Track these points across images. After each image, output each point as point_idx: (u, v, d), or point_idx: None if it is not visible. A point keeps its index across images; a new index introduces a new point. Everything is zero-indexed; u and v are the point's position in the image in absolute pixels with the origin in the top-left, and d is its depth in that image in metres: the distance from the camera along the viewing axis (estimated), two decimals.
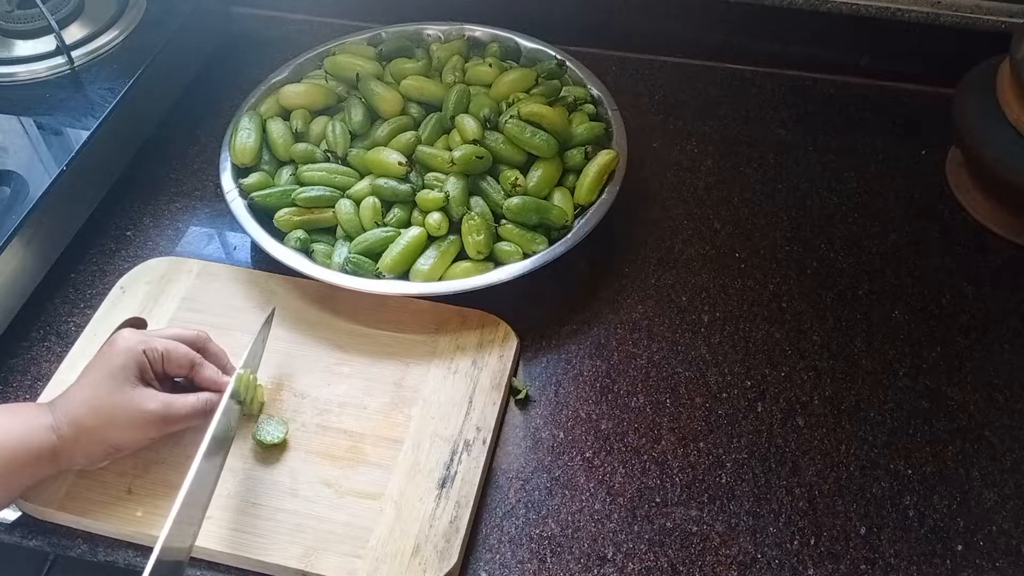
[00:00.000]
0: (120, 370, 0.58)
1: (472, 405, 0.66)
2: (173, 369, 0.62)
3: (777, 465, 0.65)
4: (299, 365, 0.69)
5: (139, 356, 0.59)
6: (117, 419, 0.58)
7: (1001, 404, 0.68)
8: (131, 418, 0.58)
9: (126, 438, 0.59)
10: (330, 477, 0.62)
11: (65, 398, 0.59)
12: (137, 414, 0.58)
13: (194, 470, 0.55)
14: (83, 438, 0.57)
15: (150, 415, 0.59)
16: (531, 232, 0.74)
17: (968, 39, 0.89)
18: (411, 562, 0.58)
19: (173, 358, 0.61)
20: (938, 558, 0.60)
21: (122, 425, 0.58)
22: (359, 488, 0.61)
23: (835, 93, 0.94)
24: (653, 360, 0.71)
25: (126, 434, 0.59)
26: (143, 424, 0.59)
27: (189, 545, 0.55)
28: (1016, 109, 0.74)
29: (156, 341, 0.61)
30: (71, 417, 0.57)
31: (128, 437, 0.59)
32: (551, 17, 0.97)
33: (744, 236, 0.80)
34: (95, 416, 0.57)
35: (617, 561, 0.60)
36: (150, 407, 0.59)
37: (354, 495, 0.61)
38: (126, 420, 0.58)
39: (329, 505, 0.61)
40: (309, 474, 0.62)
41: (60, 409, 0.58)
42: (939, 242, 0.80)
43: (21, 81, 0.83)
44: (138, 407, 0.58)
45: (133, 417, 0.58)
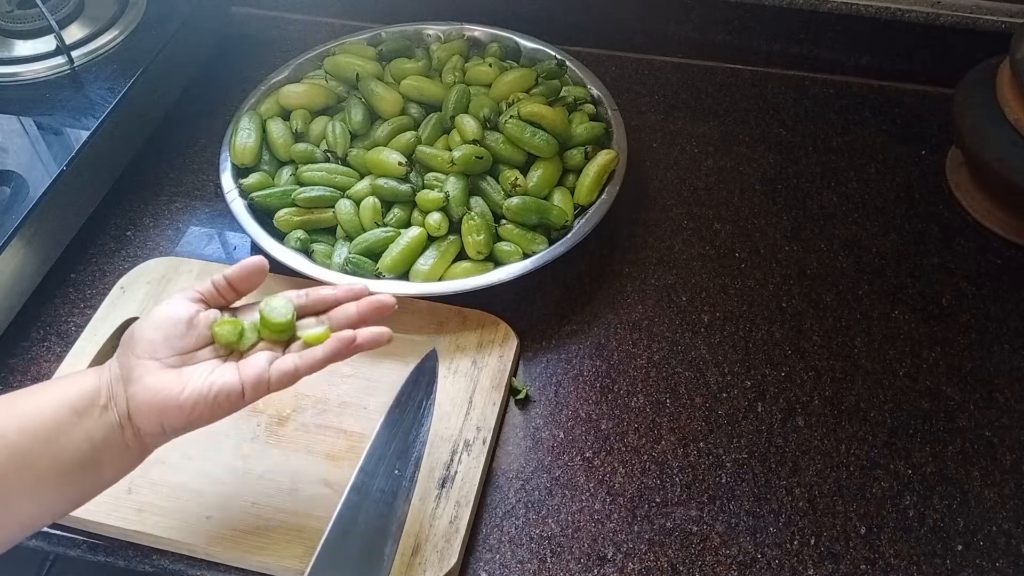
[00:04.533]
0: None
1: (472, 405, 0.66)
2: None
3: (777, 465, 0.65)
4: None
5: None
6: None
7: (1001, 404, 0.68)
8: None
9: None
10: (330, 477, 0.62)
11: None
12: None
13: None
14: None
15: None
16: (531, 232, 0.74)
17: (968, 39, 0.89)
18: (411, 562, 0.58)
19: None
20: (938, 558, 0.60)
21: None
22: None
23: (835, 93, 0.94)
24: (653, 360, 0.71)
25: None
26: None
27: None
28: (1016, 109, 0.74)
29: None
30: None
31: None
32: (551, 17, 0.97)
33: (744, 236, 0.80)
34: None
35: (617, 561, 0.60)
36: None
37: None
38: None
39: (329, 505, 0.60)
40: (309, 474, 0.62)
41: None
42: (939, 242, 0.80)
43: (21, 81, 0.83)
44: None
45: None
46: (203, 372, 0.52)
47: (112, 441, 0.51)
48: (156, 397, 0.51)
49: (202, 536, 0.59)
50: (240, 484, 0.62)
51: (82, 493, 0.52)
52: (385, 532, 0.54)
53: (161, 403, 0.51)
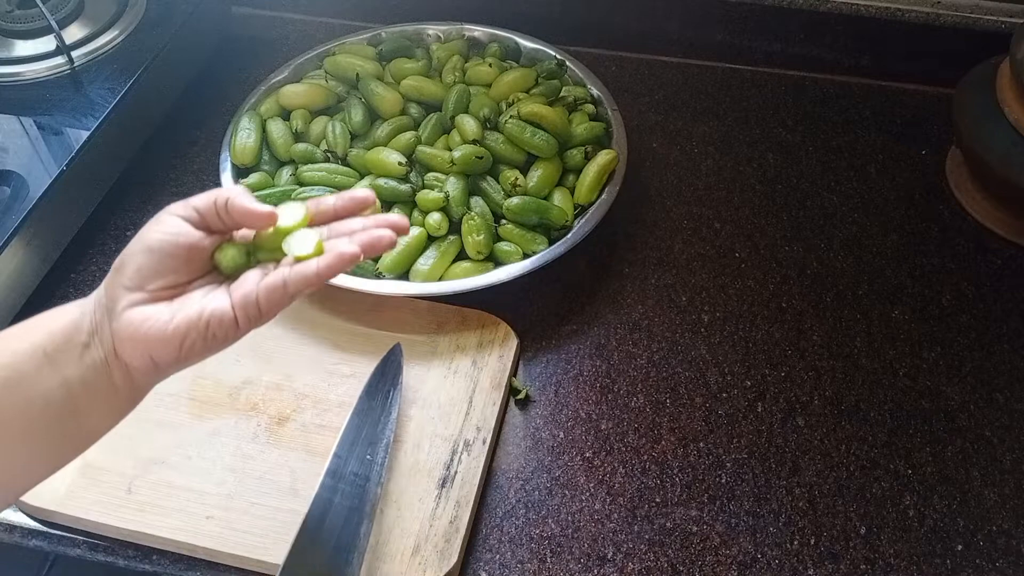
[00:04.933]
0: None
1: (472, 405, 0.66)
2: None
3: (777, 465, 0.65)
4: (299, 365, 0.69)
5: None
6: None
7: (1001, 404, 0.68)
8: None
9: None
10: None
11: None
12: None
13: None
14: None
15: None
16: (531, 232, 0.74)
17: (968, 39, 0.89)
18: (411, 562, 0.58)
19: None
20: (938, 558, 0.60)
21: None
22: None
23: (835, 93, 0.94)
24: (653, 360, 0.71)
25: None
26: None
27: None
28: (1016, 109, 0.74)
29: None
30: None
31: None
32: (551, 17, 0.97)
33: (744, 236, 0.80)
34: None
35: (617, 561, 0.60)
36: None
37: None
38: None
39: None
40: (309, 474, 0.62)
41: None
42: (939, 242, 0.80)
43: (21, 81, 0.83)
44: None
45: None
46: (195, 301, 0.46)
47: (96, 383, 0.45)
48: (141, 330, 0.45)
49: (202, 536, 0.59)
50: (240, 484, 0.62)
51: (61, 447, 0.46)
52: (360, 512, 0.58)
53: (147, 335, 0.45)
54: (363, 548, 0.56)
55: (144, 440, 0.63)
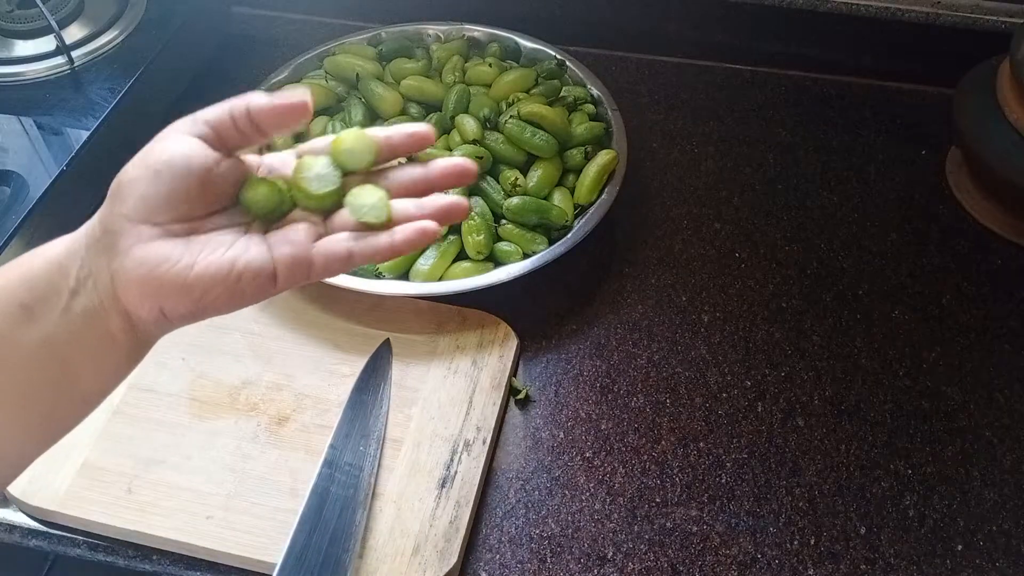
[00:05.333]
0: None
1: (472, 405, 0.66)
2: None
3: (777, 465, 0.65)
4: (299, 365, 0.69)
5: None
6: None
7: (1001, 404, 0.68)
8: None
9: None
10: None
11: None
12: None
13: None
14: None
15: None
16: (531, 232, 0.74)
17: (968, 39, 0.89)
18: (411, 562, 0.58)
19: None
20: (938, 558, 0.60)
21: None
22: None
23: (835, 93, 0.94)
24: (653, 360, 0.71)
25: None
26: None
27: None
28: (1016, 109, 0.74)
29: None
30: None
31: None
32: (551, 17, 0.97)
33: (744, 236, 0.80)
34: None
35: (617, 561, 0.60)
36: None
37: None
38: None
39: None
40: (309, 474, 0.62)
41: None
42: (939, 242, 0.80)
43: (21, 81, 0.83)
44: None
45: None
46: (220, 245, 0.39)
47: (87, 337, 0.38)
48: (153, 274, 0.37)
49: (202, 536, 0.59)
50: (240, 484, 0.62)
51: (53, 417, 0.40)
52: (355, 500, 0.59)
53: (161, 281, 0.38)
54: (359, 535, 0.58)
55: (144, 440, 0.64)
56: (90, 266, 0.39)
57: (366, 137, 0.43)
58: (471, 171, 0.44)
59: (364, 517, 0.59)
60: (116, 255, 0.38)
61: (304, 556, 0.55)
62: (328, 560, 0.55)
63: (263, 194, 0.41)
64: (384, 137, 0.43)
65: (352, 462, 0.61)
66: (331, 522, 0.58)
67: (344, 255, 0.41)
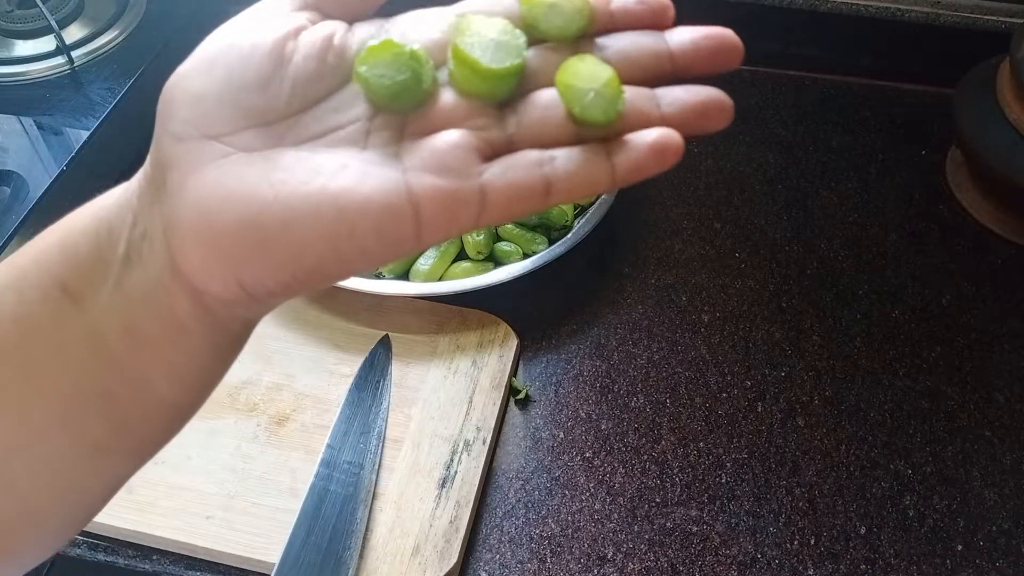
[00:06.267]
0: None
1: (472, 405, 0.66)
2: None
3: (777, 465, 0.65)
4: (299, 365, 0.69)
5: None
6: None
7: (1001, 404, 0.68)
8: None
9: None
10: None
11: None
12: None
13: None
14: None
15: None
16: (531, 232, 0.74)
17: (968, 39, 0.89)
18: (411, 562, 0.58)
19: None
20: (938, 558, 0.60)
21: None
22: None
23: (835, 93, 0.94)
24: (653, 360, 0.71)
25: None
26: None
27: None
28: (1016, 109, 0.74)
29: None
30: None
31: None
32: None
33: (744, 236, 0.80)
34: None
35: (617, 561, 0.60)
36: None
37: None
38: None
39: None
40: (309, 474, 0.62)
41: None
42: (939, 242, 0.80)
43: (21, 81, 0.83)
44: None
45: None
46: (320, 165, 0.25)
47: (148, 325, 0.26)
48: (217, 221, 0.25)
49: (202, 536, 0.59)
50: (240, 484, 0.62)
51: (121, 434, 0.28)
52: (356, 498, 0.59)
53: (228, 234, 0.25)
54: (360, 533, 0.58)
55: None
56: (145, 223, 0.26)
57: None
58: (735, 45, 0.29)
59: (365, 515, 0.59)
60: (167, 198, 0.25)
61: (302, 556, 0.55)
62: (328, 559, 0.55)
63: (389, 63, 0.26)
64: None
65: (352, 460, 0.61)
66: (330, 521, 0.58)
67: (538, 187, 0.25)
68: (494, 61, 0.27)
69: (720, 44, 0.29)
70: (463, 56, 0.27)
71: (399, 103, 0.27)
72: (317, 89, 0.27)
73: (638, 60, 0.28)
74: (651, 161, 0.26)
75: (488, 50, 0.27)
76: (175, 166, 0.26)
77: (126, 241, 0.27)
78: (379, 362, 0.68)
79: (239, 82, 0.26)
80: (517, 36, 0.28)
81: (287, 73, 0.26)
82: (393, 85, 0.26)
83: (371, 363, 0.68)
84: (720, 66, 0.29)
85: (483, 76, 0.27)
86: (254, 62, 0.27)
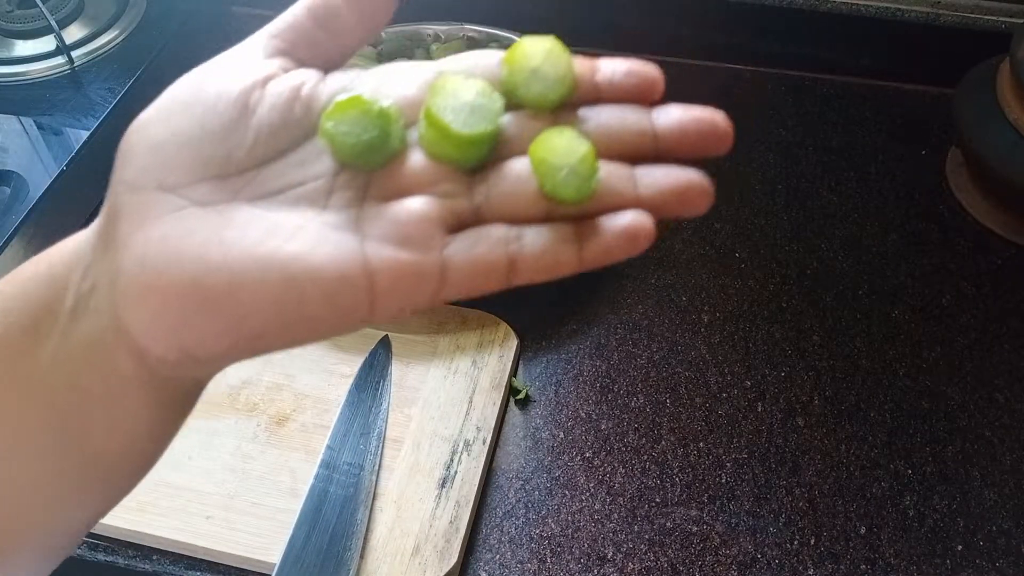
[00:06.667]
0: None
1: (472, 405, 0.66)
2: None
3: (777, 465, 0.65)
4: (299, 365, 0.69)
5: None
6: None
7: (1001, 404, 0.68)
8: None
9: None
10: None
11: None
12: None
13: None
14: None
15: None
16: None
17: (968, 39, 0.89)
18: (411, 562, 0.58)
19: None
20: (938, 558, 0.60)
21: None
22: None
23: (835, 93, 0.94)
24: (653, 360, 0.71)
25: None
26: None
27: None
28: (1016, 109, 0.74)
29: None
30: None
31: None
32: (550, 17, 0.97)
33: (744, 236, 0.80)
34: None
35: (617, 561, 0.60)
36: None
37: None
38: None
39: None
40: (309, 474, 0.62)
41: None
42: (939, 242, 0.80)
43: (21, 81, 0.83)
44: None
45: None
46: (275, 225, 0.24)
47: (89, 379, 0.26)
48: (161, 278, 0.24)
49: (202, 536, 0.59)
50: (240, 484, 0.62)
51: (61, 480, 0.28)
52: (356, 500, 0.59)
53: (172, 293, 0.24)
54: (361, 534, 0.58)
55: None
56: (94, 276, 0.25)
57: (564, 56, 0.28)
58: (726, 132, 0.27)
59: (366, 516, 0.59)
60: (115, 251, 0.24)
61: (303, 557, 0.55)
62: (329, 560, 0.55)
63: (356, 120, 0.25)
64: (589, 68, 0.28)
65: (352, 460, 0.61)
66: (331, 522, 0.57)
67: (502, 266, 0.24)
68: (466, 126, 0.26)
69: (708, 130, 0.28)
70: (434, 118, 0.26)
71: (364, 162, 0.26)
72: (281, 142, 0.26)
73: (620, 136, 0.27)
74: (621, 247, 0.26)
75: (461, 114, 0.26)
76: (125, 217, 0.24)
77: (75, 295, 0.26)
78: (379, 362, 0.68)
79: (200, 131, 0.25)
80: (494, 100, 0.27)
81: (251, 124, 0.25)
82: (358, 144, 0.25)
83: (371, 363, 0.67)
84: (706, 152, 0.28)
85: (453, 141, 0.26)
86: (217, 111, 0.25)
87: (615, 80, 0.28)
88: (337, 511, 0.58)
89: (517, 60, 0.27)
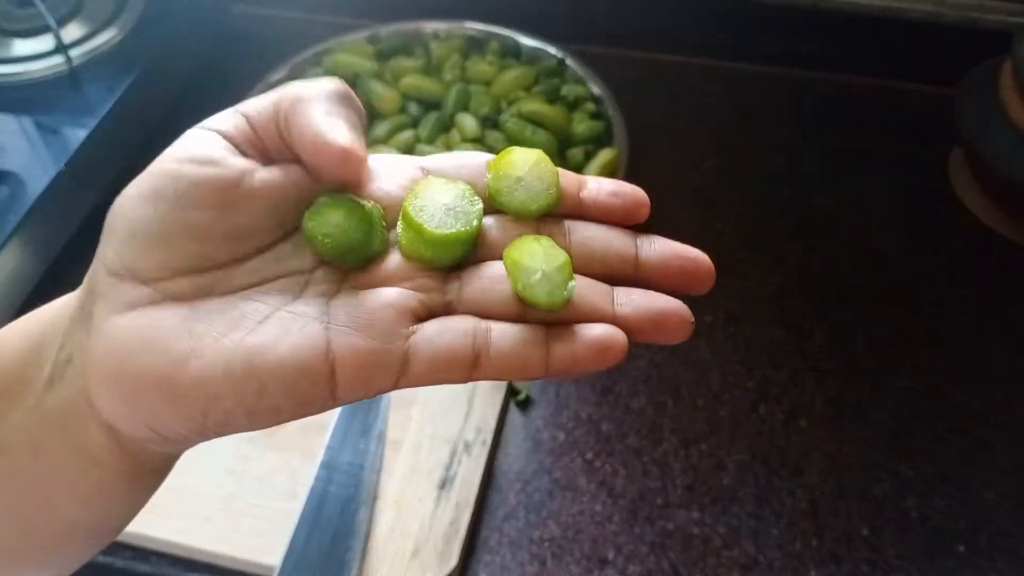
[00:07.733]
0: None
1: (472, 406, 0.66)
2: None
3: (779, 466, 0.65)
4: None
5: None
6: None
7: (1001, 404, 0.68)
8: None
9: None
10: None
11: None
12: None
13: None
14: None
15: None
16: None
17: (969, 39, 0.89)
18: (410, 563, 0.58)
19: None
20: (939, 559, 0.60)
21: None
22: None
23: (835, 93, 0.94)
24: (654, 361, 0.71)
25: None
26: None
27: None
28: (1017, 109, 0.74)
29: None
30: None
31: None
32: (551, 15, 0.97)
33: (744, 236, 0.80)
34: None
35: (618, 563, 0.60)
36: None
37: None
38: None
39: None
40: (309, 476, 0.62)
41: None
42: (940, 242, 0.80)
43: (19, 80, 0.83)
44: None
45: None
46: (245, 317, 0.25)
47: (57, 449, 0.26)
48: (127, 368, 0.24)
49: (201, 538, 0.59)
50: (240, 486, 0.61)
51: (24, 545, 0.27)
52: (356, 499, 0.59)
53: (139, 382, 0.24)
54: (363, 534, 0.57)
55: None
56: (71, 347, 0.26)
57: (550, 168, 0.29)
58: (707, 270, 0.28)
59: (367, 517, 0.59)
60: (90, 330, 0.25)
61: (303, 559, 0.55)
62: (330, 561, 0.55)
63: (339, 220, 0.26)
64: (576, 183, 0.29)
65: (352, 461, 0.61)
66: (332, 523, 0.57)
67: (466, 358, 0.24)
68: (441, 226, 0.27)
69: (691, 270, 0.29)
70: (410, 219, 0.27)
71: (344, 261, 0.27)
72: (262, 240, 0.26)
73: (602, 257, 0.28)
74: (590, 357, 0.25)
75: (437, 215, 0.27)
76: (101, 299, 0.25)
77: (52, 364, 0.26)
78: None
79: (178, 228, 0.25)
80: (473, 203, 0.28)
81: (232, 220, 0.26)
82: (339, 245, 0.26)
83: None
84: (685, 290, 0.28)
85: (427, 241, 0.26)
86: (200, 204, 0.25)
87: (599, 199, 0.29)
88: (338, 512, 0.58)
89: (503, 167, 0.29)
